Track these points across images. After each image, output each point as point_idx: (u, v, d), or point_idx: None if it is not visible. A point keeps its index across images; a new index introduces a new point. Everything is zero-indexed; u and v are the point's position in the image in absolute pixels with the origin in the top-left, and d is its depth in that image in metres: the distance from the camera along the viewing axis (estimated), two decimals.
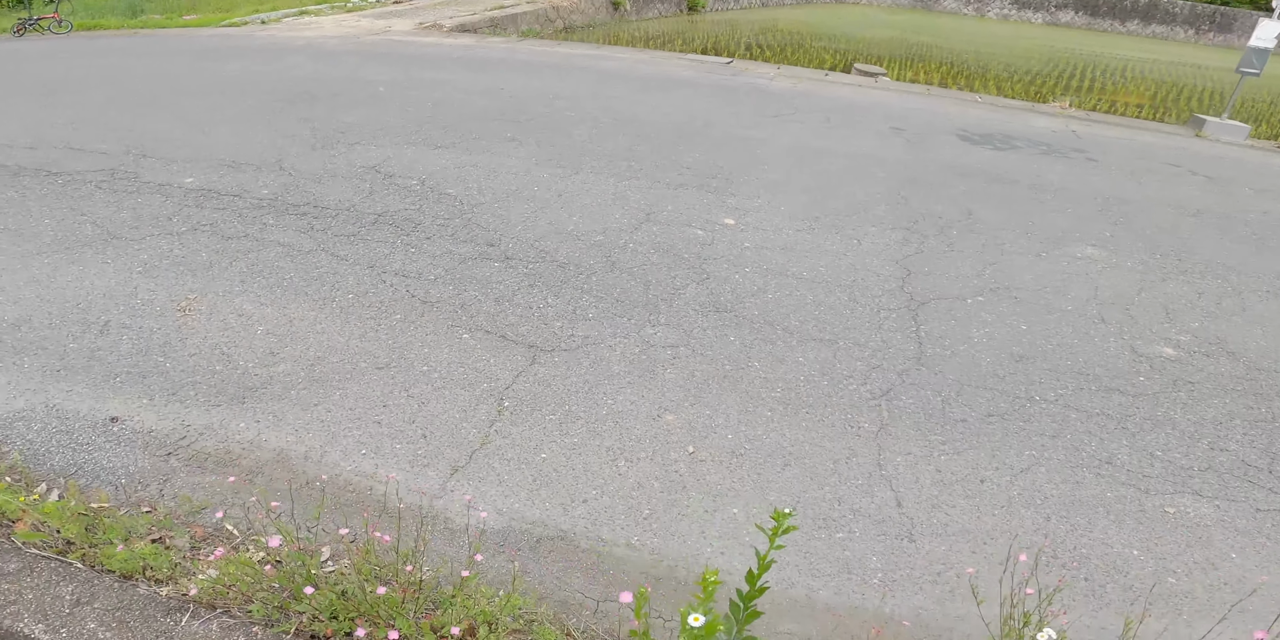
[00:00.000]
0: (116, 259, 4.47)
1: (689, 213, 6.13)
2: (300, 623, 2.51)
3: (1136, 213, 7.64)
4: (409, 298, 4.42)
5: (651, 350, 4.21)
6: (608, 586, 2.91)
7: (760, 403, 3.91)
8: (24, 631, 2.43)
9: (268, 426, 3.47)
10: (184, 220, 4.89)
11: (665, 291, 4.77)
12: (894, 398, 4.02)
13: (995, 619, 2.62)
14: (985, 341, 4.73)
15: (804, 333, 4.51)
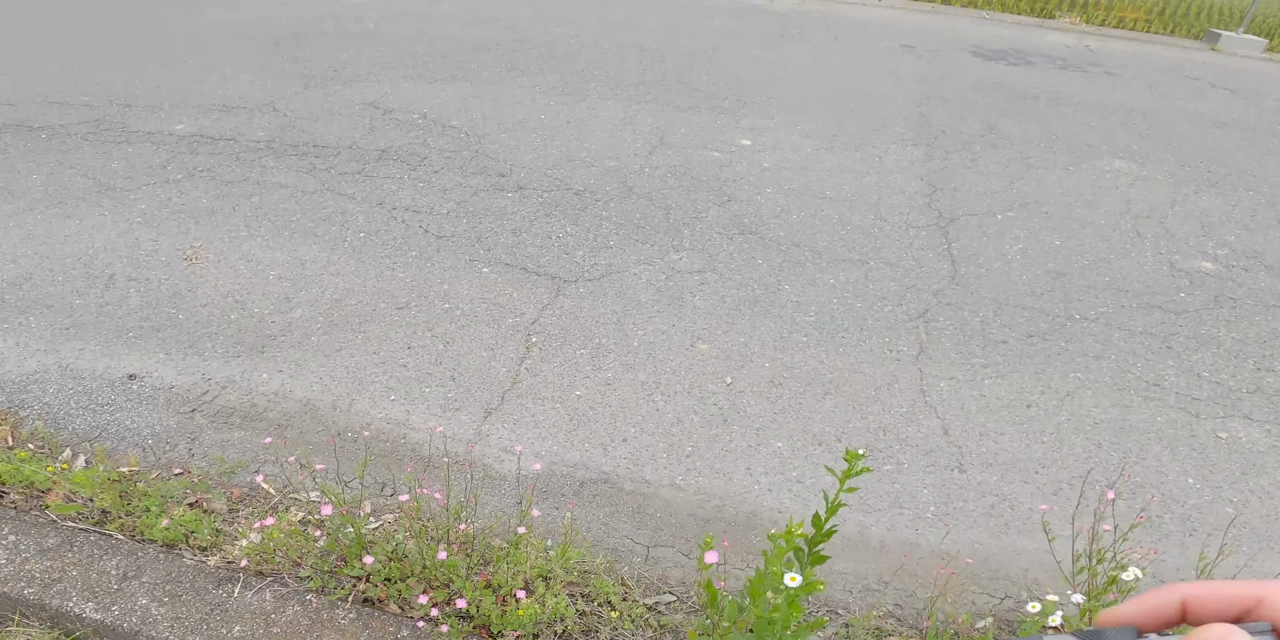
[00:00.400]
0: (113, 210, 4.30)
1: (703, 135, 5.94)
2: (356, 590, 2.42)
3: (1161, 125, 7.44)
4: (422, 234, 4.26)
5: (678, 276, 4.07)
6: (656, 531, 2.83)
7: (795, 328, 3.79)
8: (74, 611, 2.36)
9: (291, 376, 3.34)
10: (179, 167, 4.70)
11: (687, 215, 4.61)
12: (931, 319, 3.91)
13: (1051, 552, 2.55)
14: (1019, 258, 4.59)
15: (833, 253, 4.36)
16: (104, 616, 2.35)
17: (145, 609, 2.37)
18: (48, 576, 2.44)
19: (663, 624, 2.46)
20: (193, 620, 2.34)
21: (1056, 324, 4.01)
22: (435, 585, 2.40)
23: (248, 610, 2.38)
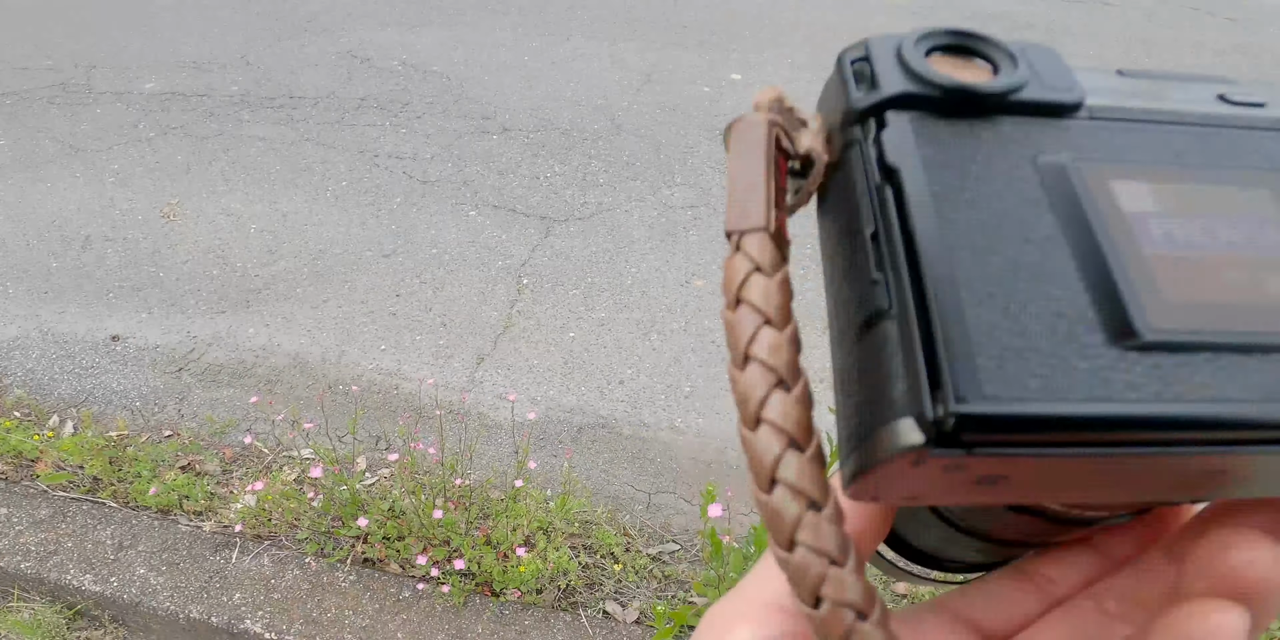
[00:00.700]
0: (85, 172, 4.18)
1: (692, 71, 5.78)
2: (355, 551, 2.37)
3: (1161, 54, 7.29)
4: (406, 179, 4.15)
5: (670, 212, 3.96)
6: (657, 477, 2.78)
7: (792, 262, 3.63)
8: (73, 583, 2.35)
9: (278, 329, 3.27)
10: (151, 125, 4.57)
11: (677, 151, 4.49)
12: None
13: None
14: None
15: None
16: (103, 588, 2.33)
17: (144, 579, 2.34)
18: (43, 549, 2.42)
19: (667, 575, 2.42)
20: (192, 589, 2.32)
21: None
22: (434, 543, 2.35)
23: (247, 576, 2.36)
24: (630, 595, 2.36)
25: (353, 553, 2.40)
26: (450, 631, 2.23)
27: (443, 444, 2.49)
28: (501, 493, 2.60)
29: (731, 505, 2.65)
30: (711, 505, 1.87)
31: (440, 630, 2.23)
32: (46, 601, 2.44)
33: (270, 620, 2.25)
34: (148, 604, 2.30)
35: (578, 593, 2.35)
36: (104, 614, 2.43)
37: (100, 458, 2.58)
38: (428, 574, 2.31)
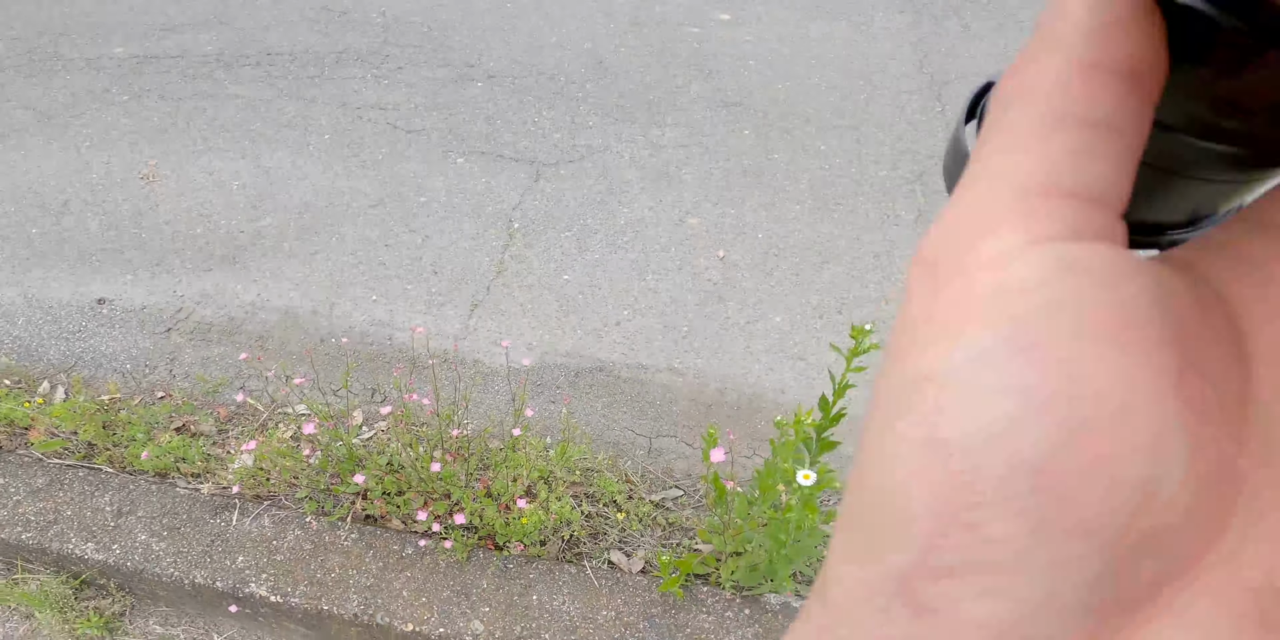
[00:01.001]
0: (59, 138, 4.09)
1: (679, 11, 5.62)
2: (355, 508, 2.34)
3: None
4: (391, 130, 4.05)
5: (662, 152, 3.87)
6: (657, 420, 2.74)
7: (787, 196, 3.63)
8: (75, 552, 2.34)
9: (267, 284, 3.21)
10: (124, 89, 4.45)
11: (667, 92, 4.38)
12: (928, 181, 3.74)
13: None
14: None
15: (822, 121, 4.16)
16: (106, 556, 2.31)
17: (146, 545, 2.33)
18: (43, 519, 2.40)
19: (671, 522, 2.39)
20: (194, 553, 2.30)
21: None
22: (434, 497, 2.31)
23: (248, 538, 2.33)
24: (635, 544, 2.33)
25: (353, 510, 2.37)
26: (455, 588, 2.21)
27: (437, 394, 2.45)
28: (500, 442, 2.56)
29: (733, 447, 2.61)
30: (714, 449, 1.82)
31: (445, 586, 2.21)
32: (51, 572, 2.43)
33: (275, 583, 2.22)
34: (151, 571, 2.28)
35: (582, 543, 2.32)
36: (109, 582, 2.41)
37: (93, 422, 2.54)
38: (429, 529, 2.28)
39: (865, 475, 0.25)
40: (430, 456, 2.33)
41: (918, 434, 0.23)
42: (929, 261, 0.25)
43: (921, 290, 0.25)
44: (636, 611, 2.15)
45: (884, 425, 0.24)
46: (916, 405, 0.23)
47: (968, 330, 0.23)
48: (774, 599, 2.16)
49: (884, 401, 0.25)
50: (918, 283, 0.25)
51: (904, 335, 0.25)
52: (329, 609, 2.17)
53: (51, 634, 2.39)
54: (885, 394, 0.24)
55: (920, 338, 0.24)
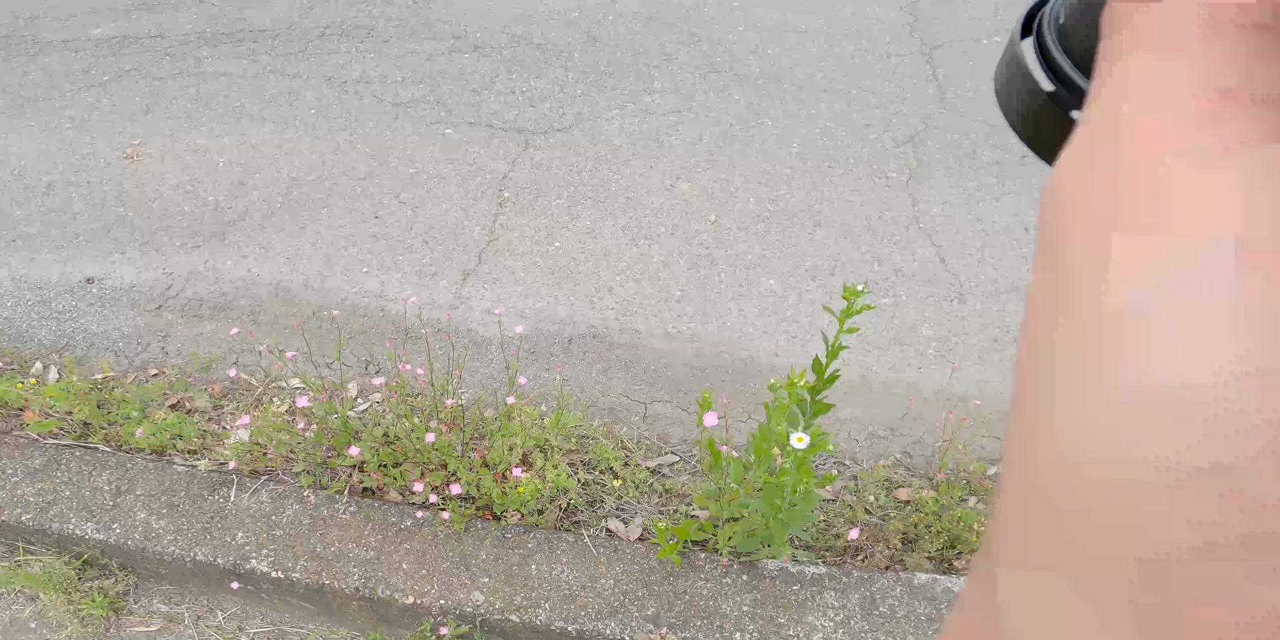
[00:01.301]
0: (40, 120, 4.04)
1: None
2: (352, 481, 2.33)
3: None
4: (378, 103, 4.01)
5: (652, 118, 3.84)
6: (652, 386, 2.74)
7: (778, 161, 3.60)
8: (76, 533, 2.34)
9: (257, 259, 3.20)
10: (105, 70, 4.40)
11: (656, 59, 4.33)
12: (920, 143, 3.71)
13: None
14: None
15: (813, 85, 4.12)
16: (107, 536, 2.32)
17: (146, 523, 2.33)
18: (42, 499, 2.39)
19: (668, 488, 2.38)
20: (194, 531, 2.30)
21: None
22: (431, 468, 2.31)
23: (247, 514, 2.33)
24: (632, 511, 2.33)
25: (350, 483, 2.36)
26: (454, 559, 2.20)
27: (430, 363, 2.44)
28: (495, 411, 2.55)
29: (727, 411, 2.60)
30: (707, 413, 1.80)
31: (444, 558, 2.21)
32: (54, 553, 2.43)
33: (275, 558, 2.22)
34: (153, 549, 2.28)
35: (579, 512, 2.31)
36: (112, 562, 2.41)
37: (87, 402, 2.53)
38: (426, 501, 2.27)
39: (1046, 448, 0.21)
40: (425, 427, 2.32)
41: (1130, 384, 0.19)
42: (1100, 172, 0.22)
43: (1080, 219, 0.22)
44: (635, 579, 2.15)
45: (1071, 382, 0.21)
46: (1118, 349, 0.20)
47: (1173, 250, 0.20)
48: (771, 565, 2.16)
49: (1062, 354, 0.21)
50: (1072, 211, 0.22)
51: (1069, 272, 0.22)
52: (330, 583, 2.17)
53: (57, 616, 2.40)
54: (1060, 345, 0.21)
55: (1100, 270, 0.21)
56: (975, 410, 2.62)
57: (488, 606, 2.11)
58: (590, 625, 2.07)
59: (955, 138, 3.76)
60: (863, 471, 2.46)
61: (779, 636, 2.03)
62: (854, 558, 2.24)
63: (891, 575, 2.15)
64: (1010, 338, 2.89)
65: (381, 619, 2.26)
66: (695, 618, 2.07)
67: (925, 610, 2.07)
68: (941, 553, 2.23)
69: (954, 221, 3.32)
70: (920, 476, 2.47)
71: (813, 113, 3.90)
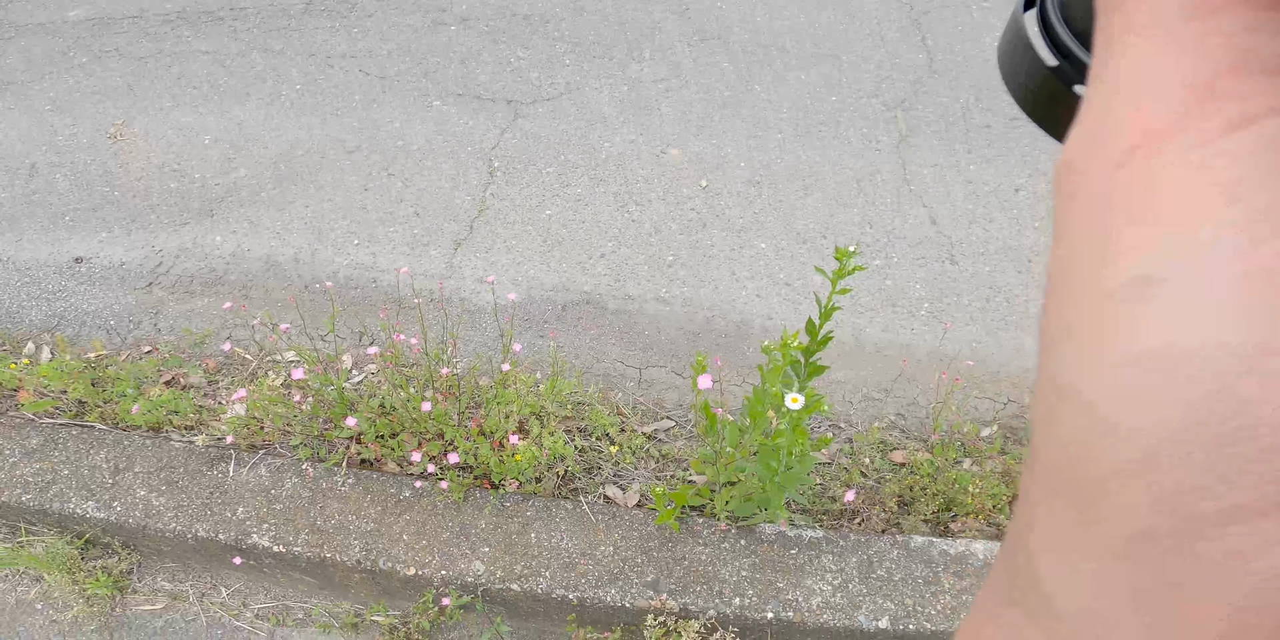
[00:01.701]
0: (19, 103, 3.99)
1: None
2: (350, 453, 2.32)
3: None
4: (364, 77, 3.97)
5: (641, 87, 3.81)
6: (646, 351, 2.74)
7: (768, 127, 3.59)
8: (76, 512, 2.34)
9: (246, 235, 3.18)
10: (83, 52, 4.34)
11: (643, 28, 4.29)
12: (910, 108, 3.69)
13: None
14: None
15: (802, 52, 4.09)
16: (108, 514, 2.32)
17: (146, 501, 2.33)
18: (41, 479, 2.39)
19: (664, 453, 2.39)
20: (194, 507, 2.30)
21: None
22: (428, 437, 2.31)
23: (247, 489, 2.33)
24: (629, 477, 2.33)
25: (348, 455, 2.36)
26: (454, 529, 2.21)
27: (424, 333, 2.44)
28: (490, 379, 2.55)
29: (722, 375, 2.60)
30: (701, 376, 1.80)
31: (444, 528, 2.21)
32: (55, 533, 2.43)
33: (276, 532, 2.23)
34: (154, 526, 2.29)
35: (577, 479, 2.32)
36: (114, 540, 2.42)
37: (81, 380, 2.53)
38: (424, 471, 2.27)
39: (1071, 416, 0.21)
40: (421, 397, 2.32)
41: (1153, 348, 0.19)
42: (1098, 158, 0.22)
43: (1096, 190, 0.22)
44: (634, 546, 2.16)
45: (1091, 348, 0.21)
46: (1139, 314, 0.20)
47: (1193, 216, 0.20)
48: (769, 529, 2.17)
49: (1082, 321, 0.21)
50: (1078, 191, 0.23)
51: (1086, 241, 0.22)
52: (331, 556, 2.18)
53: (63, 596, 2.41)
54: (1078, 312, 0.21)
55: (1120, 238, 0.21)
56: (968, 371, 2.63)
57: (489, 576, 2.12)
58: (591, 593, 2.08)
59: (945, 102, 3.75)
60: (858, 434, 2.46)
61: (778, 601, 2.05)
62: (851, 521, 2.25)
63: (888, 538, 2.16)
64: (1002, 297, 2.90)
65: (384, 591, 2.27)
66: (695, 583, 2.08)
67: (923, 573, 2.08)
68: (937, 515, 2.24)
69: (945, 184, 3.31)
70: (915, 438, 2.48)
71: (802, 79, 3.87)
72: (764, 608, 2.04)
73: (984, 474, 2.23)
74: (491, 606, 2.20)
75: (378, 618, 2.31)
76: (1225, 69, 0.21)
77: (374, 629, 2.33)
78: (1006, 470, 2.24)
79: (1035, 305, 2.85)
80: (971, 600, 2.02)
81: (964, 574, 2.08)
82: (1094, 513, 0.21)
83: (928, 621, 2.01)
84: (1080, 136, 0.24)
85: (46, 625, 2.40)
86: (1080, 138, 0.24)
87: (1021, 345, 2.74)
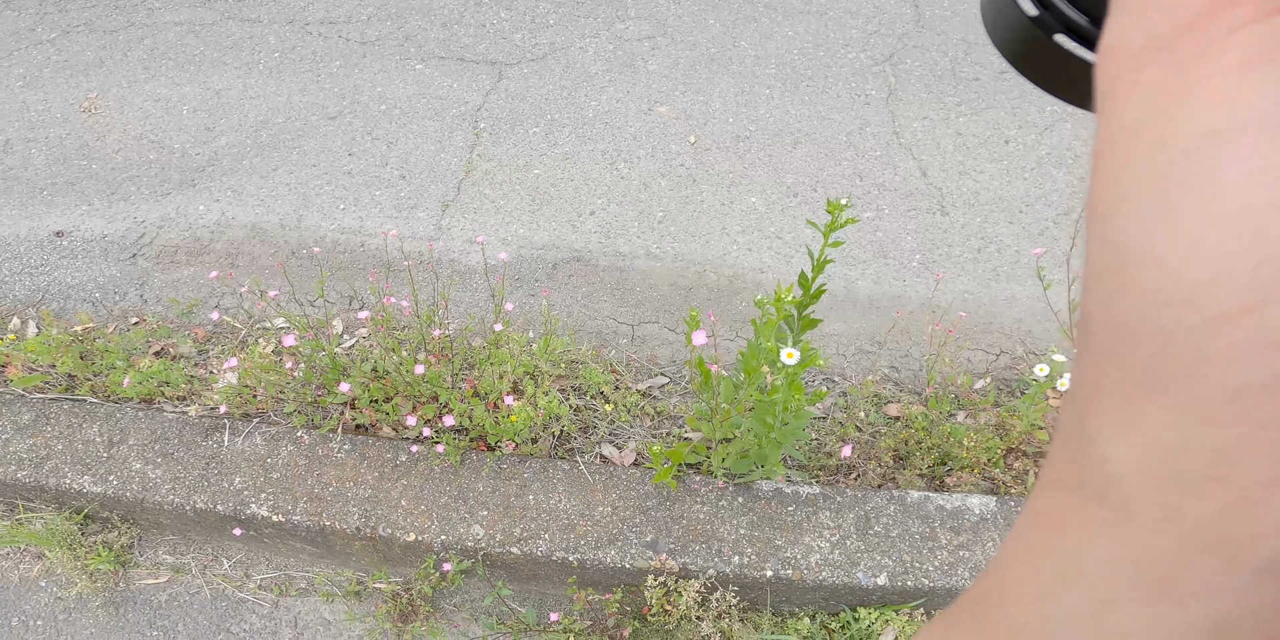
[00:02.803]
0: None
1: None
2: (344, 418, 2.31)
3: None
4: (343, 42, 3.90)
5: (626, 44, 3.75)
6: (638, 307, 2.72)
7: (756, 81, 3.55)
8: (72, 487, 2.33)
9: (230, 203, 3.14)
10: (50, 27, 4.25)
11: None
12: (898, 61, 3.65)
13: (1045, 300, 2.44)
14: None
15: (788, 7, 4.04)
16: (104, 488, 2.30)
17: (142, 474, 2.31)
18: (35, 455, 2.37)
19: (659, 410, 2.38)
20: (191, 478, 2.29)
21: None
22: (422, 400, 2.29)
23: (243, 458, 2.32)
24: (625, 436, 2.33)
25: (342, 421, 2.35)
26: (452, 493, 2.20)
27: (415, 295, 2.41)
28: (482, 340, 2.54)
29: (715, 330, 2.59)
30: (695, 332, 1.78)
31: (442, 492, 2.21)
32: (53, 509, 2.42)
33: (275, 502, 2.22)
34: (151, 499, 2.28)
35: (572, 439, 2.31)
36: (113, 515, 2.41)
37: (70, 354, 2.50)
38: (420, 435, 2.26)
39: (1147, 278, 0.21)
40: (414, 359, 2.30)
41: (1234, 203, 0.19)
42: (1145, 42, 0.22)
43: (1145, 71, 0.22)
44: (632, 505, 2.16)
45: (1162, 208, 0.21)
46: (1209, 171, 0.20)
47: (1250, 84, 0.20)
48: (766, 486, 2.17)
49: (1147, 184, 0.21)
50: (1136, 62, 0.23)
51: (1143, 112, 0.22)
52: (331, 524, 2.17)
53: (66, 572, 2.40)
54: (1141, 177, 0.21)
55: (1172, 108, 0.21)
56: (960, 322, 2.62)
57: (488, 540, 2.12)
58: (591, 554, 2.08)
59: (933, 55, 3.71)
60: (852, 387, 2.46)
61: (778, 559, 2.05)
62: (847, 476, 2.25)
63: (885, 494, 2.16)
64: (993, 248, 2.89)
65: (385, 558, 2.27)
66: (694, 542, 2.08)
67: (919, 529, 2.09)
68: (933, 469, 2.24)
69: (934, 136, 3.29)
70: (909, 391, 2.48)
71: (789, 34, 3.83)
72: (763, 566, 2.04)
73: (978, 427, 2.23)
74: (492, 570, 2.20)
75: (380, 585, 2.31)
76: None
77: (376, 596, 2.34)
78: (1000, 423, 2.23)
79: (1026, 256, 2.84)
80: (967, 556, 2.04)
81: (960, 529, 2.09)
82: (1179, 375, 0.20)
83: (925, 578, 2.02)
84: (1125, 16, 0.24)
85: (52, 602, 2.40)
86: (1122, 22, 0.24)
87: (1013, 295, 2.73)
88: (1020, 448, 2.23)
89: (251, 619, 2.37)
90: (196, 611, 2.38)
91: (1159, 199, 0.21)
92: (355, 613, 2.33)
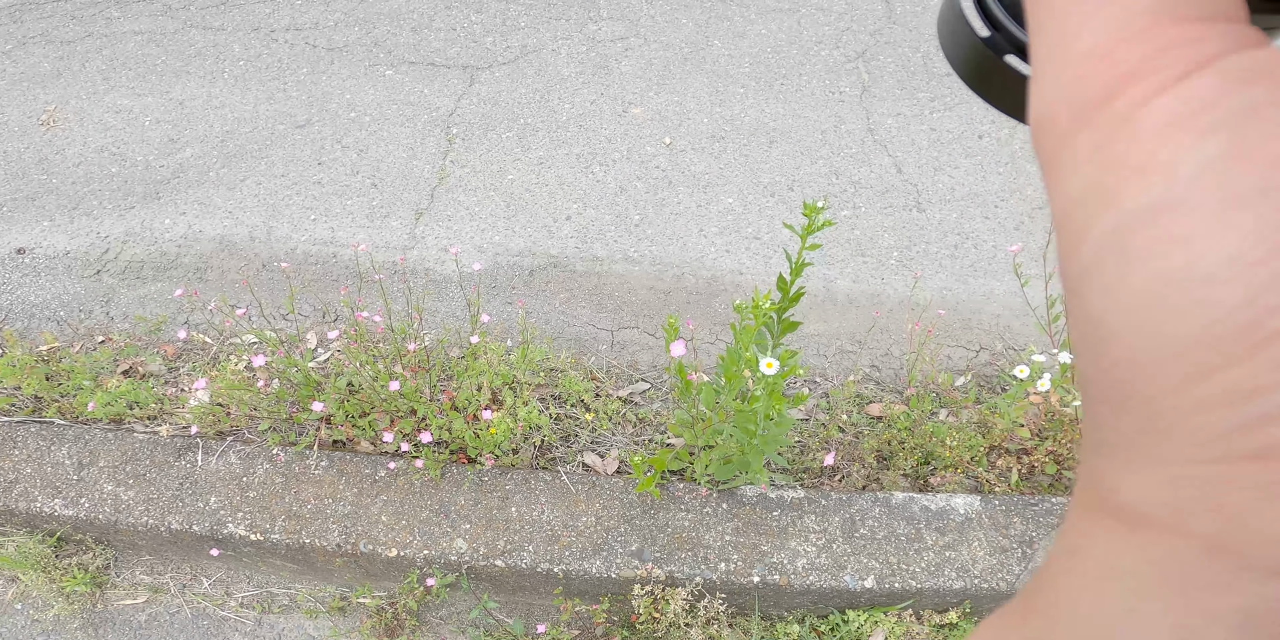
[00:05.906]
0: None
1: None
2: (320, 435, 2.27)
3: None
4: (310, 49, 3.85)
5: (599, 46, 3.73)
6: (617, 312, 2.70)
7: (730, 81, 3.53)
8: (44, 510, 2.28)
9: (197, 216, 3.08)
10: (4, 39, 4.14)
11: None
12: (871, 58, 3.64)
13: (1023, 296, 2.44)
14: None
15: (760, 5, 4.03)
16: (76, 511, 2.26)
17: (114, 496, 2.27)
18: (3, 479, 2.34)
19: (641, 417, 2.35)
20: (165, 499, 2.25)
21: None
22: (400, 415, 2.26)
23: (217, 478, 2.28)
24: (607, 444, 2.30)
25: (318, 437, 2.31)
26: (433, 507, 2.17)
27: (388, 308, 2.37)
28: (459, 351, 2.50)
29: (695, 335, 2.57)
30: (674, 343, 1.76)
31: (423, 507, 2.18)
32: (25, 532, 2.37)
33: (252, 521, 2.18)
34: (125, 521, 2.23)
35: (554, 448, 2.28)
36: (86, 537, 2.37)
37: (35, 375, 2.45)
38: (398, 449, 2.23)
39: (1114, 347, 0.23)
40: (389, 374, 2.26)
41: (1167, 272, 0.21)
42: (1072, 113, 0.24)
43: (1077, 143, 0.24)
44: (616, 515, 2.13)
45: (1111, 282, 0.23)
46: (1148, 244, 0.22)
47: (1175, 152, 0.22)
48: (750, 491, 2.15)
49: (1091, 262, 0.23)
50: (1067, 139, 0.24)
51: (1075, 192, 0.24)
52: (311, 542, 2.14)
53: (41, 595, 2.36)
54: (1093, 250, 0.23)
55: (1108, 181, 0.23)
56: (940, 320, 2.61)
57: (472, 554, 2.09)
58: (576, 565, 2.06)
59: (905, 52, 3.71)
60: (833, 389, 2.44)
61: (764, 564, 2.03)
62: (831, 478, 2.23)
63: (869, 496, 2.14)
64: (970, 244, 2.88)
65: (368, 574, 2.24)
66: (679, 550, 2.06)
67: (905, 530, 2.07)
68: (916, 469, 2.23)
69: (909, 132, 3.28)
70: (890, 391, 2.47)
71: (762, 33, 3.82)
72: (750, 572, 2.02)
73: (960, 425, 2.22)
74: (478, 583, 2.17)
75: (364, 600, 2.28)
76: (1174, 11, 0.23)
77: (361, 611, 2.30)
78: (982, 420, 2.22)
79: (1003, 251, 2.84)
80: (953, 556, 2.03)
81: (945, 530, 2.07)
82: (1163, 426, 0.22)
83: (913, 579, 2.01)
84: (1047, 90, 0.25)
85: (29, 625, 2.36)
86: (1048, 91, 0.25)
87: (991, 291, 2.73)
88: (1002, 445, 2.22)
89: (235, 637, 2.33)
90: (178, 631, 2.34)
91: (1112, 275, 0.23)
92: (340, 628, 2.30)
